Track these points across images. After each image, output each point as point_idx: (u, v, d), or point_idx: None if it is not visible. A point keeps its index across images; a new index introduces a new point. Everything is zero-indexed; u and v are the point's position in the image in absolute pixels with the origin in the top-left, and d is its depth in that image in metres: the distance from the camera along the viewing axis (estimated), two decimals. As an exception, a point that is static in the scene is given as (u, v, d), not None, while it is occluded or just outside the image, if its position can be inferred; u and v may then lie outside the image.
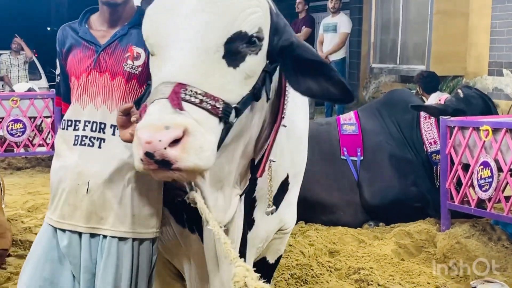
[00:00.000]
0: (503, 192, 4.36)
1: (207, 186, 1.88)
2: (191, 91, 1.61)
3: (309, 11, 11.07)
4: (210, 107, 1.64)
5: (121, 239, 2.10)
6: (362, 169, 5.19)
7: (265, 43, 1.82)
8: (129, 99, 2.07)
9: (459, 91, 5.14)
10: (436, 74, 6.86)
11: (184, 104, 1.59)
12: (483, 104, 5.05)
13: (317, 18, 10.65)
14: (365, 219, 5.17)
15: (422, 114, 5.18)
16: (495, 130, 4.20)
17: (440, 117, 4.71)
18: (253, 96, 1.81)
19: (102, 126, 2.08)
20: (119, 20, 2.15)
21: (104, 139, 2.08)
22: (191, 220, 2.19)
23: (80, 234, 2.12)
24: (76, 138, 2.11)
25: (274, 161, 2.05)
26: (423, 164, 5.20)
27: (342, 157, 5.22)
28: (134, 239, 2.11)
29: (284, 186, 2.34)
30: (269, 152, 2.00)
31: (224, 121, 1.69)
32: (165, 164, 1.56)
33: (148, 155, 1.55)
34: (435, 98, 6.06)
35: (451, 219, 4.81)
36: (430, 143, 5.11)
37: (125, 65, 2.08)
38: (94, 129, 2.08)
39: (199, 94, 1.63)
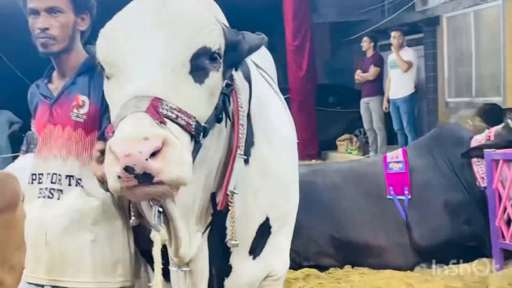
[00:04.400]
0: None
1: (178, 215, 1.83)
2: (167, 105, 1.60)
3: (378, 49, 10.96)
4: (184, 123, 1.63)
5: None
6: (410, 208, 4.97)
7: (222, 63, 1.82)
8: (78, 149, 2.11)
9: (509, 121, 4.83)
10: (498, 106, 6.53)
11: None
12: (536, 133, 4.71)
13: (387, 57, 10.50)
14: (416, 261, 4.90)
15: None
16: (540, 162, 3.90)
17: (485, 150, 4.45)
18: (216, 117, 1.79)
19: (59, 177, 2.13)
20: (67, 69, 2.21)
21: (62, 190, 2.13)
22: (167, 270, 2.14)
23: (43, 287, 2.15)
24: (40, 191, 2.17)
25: (236, 193, 1.98)
26: (476, 201, 4.89)
27: (389, 197, 5.03)
28: None
29: (264, 230, 2.26)
30: (228, 183, 1.94)
31: (195, 139, 1.67)
32: (146, 178, 1.50)
33: (128, 169, 1.48)
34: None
35: (510, 258, 4.48)
36: (482, 177, 4.80)
37: (71, 114, 2.13)
38: (53, 180, 2.14)
39: (174, 109, 1.61)
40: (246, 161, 2.07)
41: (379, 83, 10.30)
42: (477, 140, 4.93)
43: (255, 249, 2.24)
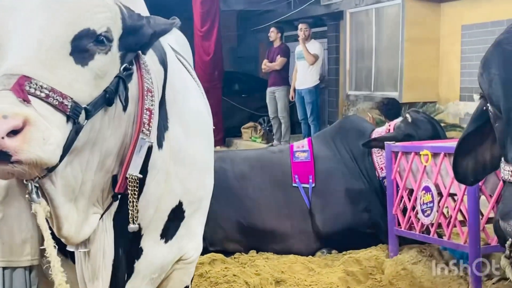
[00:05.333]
0: (446, 217, 4.32)
1: (59, 195, 1.82)
2: (36, 84, 1.58)
3: (284, 40, 11.19)
4: (57, 103, 1.61)
5: None
6: (314, 196, 5.18)
7: (115, 46, 1.81)
8: None
9: (408, 115, 5.15)
10: (396, 101, 6.89)
11: (29, 97, 1.57)
12: (431, 128, 5.06)
13: (292, 47, 10.77)
14: (318, 246, 5.13)
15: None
16: (435, 155, 4.19)
17: (385, 142, 4.71)
18: (105, 100, 1.78)
19: None
20: None
21: None
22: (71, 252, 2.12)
23: None
24: None
25: (139, 176, 1.98)
26: (375, 190, 5.19)
27: (294, 185, 5.21)
28: (5, 268, 2.07)
29: (177, 214, 2.28)
30: (127, 167, 1.94)
31: (73, 120, 1.66)
32: (4, 156, 1.50)
33: None
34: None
35: (404, 244, 4.77)
36: (381, 168, 5.09)
37: None
38: None
39: (45, 88, 1.60)
40: (160, 146, 2.09)
41: (285, 73, 10.56)
42: (378, 132, 5.23)
43: (167, 233, 2.25)
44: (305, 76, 9.92)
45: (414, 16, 9.31)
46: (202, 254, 4.78)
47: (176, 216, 2.27)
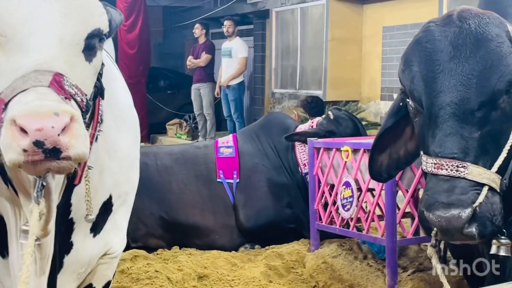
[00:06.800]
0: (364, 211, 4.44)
1: (53, 190, 1.82)
2: (68, 81, 1.62)
3: (210, 36, 11.20)
4: (79, 100, 1.66)
5: None
6: (238, 191, 5.21)
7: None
8: None
9: (330, 113, 5.27)
10: (320, 99, 7.04)
11: None
12: (352, 125, 5.20)
13: (218, 45, 10.79)
14: (241, 242, 5.16)
15: (297, 137, 5.26)
16: (355, 151, 4.29)
17: (308, 139, 4.79)
18: (95, 94, 1.85)
19: None
20: None
21: None
22: (2, 245, 2.08)
23: None
24: None
25: (92, 167, 2.01)
26: (298, 186, 5.27)
27: (218, 180, 5.22)
28: None
29: (107, 207, 2.29)
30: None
31: (83, 116, 1.69)
32: (54, 153, 1.51)
33: (38, 144, 1.49)
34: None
35: (325, 238, 4.86)
36: (304, 164, 5.18)
37: None
38: None
39: (73, 86, 1.63)
40: (95, 139, 2.08)
41: (210, 70, 10.56)
42: (301, 128, 5.34)
43: (96, 227, 2.26)
44: (229, 73, 9.97)
45: (337, 17, 9.51)
46: (124, 250, 4.71)
47: (106, 209, 2.29)
